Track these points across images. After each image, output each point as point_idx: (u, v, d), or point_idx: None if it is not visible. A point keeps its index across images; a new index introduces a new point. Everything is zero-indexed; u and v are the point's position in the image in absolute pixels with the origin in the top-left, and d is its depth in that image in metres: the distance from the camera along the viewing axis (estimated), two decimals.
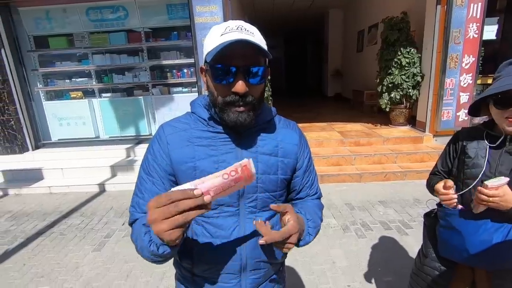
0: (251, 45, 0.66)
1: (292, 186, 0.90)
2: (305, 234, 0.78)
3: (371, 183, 3.90)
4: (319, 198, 0.97)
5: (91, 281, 2.24)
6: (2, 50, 4.61)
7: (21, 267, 2.45)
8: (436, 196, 1.23)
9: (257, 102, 0.73)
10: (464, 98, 4.42)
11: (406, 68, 4.77)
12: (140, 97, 5.07)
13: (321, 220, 0.90)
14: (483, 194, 0.97)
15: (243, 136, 0.79)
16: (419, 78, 4.78)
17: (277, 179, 0.82)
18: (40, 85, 5.10)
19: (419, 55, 4.81)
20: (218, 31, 0.70)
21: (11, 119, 4.78)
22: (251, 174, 0.56)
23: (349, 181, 3.94)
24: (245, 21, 0.73)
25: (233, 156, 0.77)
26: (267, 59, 0.73)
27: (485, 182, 0.97)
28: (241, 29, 0.69)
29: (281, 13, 9.62)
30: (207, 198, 0.53)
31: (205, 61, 0.73)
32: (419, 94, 4.89)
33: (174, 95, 5.06)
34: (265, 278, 0.88)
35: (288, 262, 2.32)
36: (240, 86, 0.68)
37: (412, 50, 4.80)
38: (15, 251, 2.70)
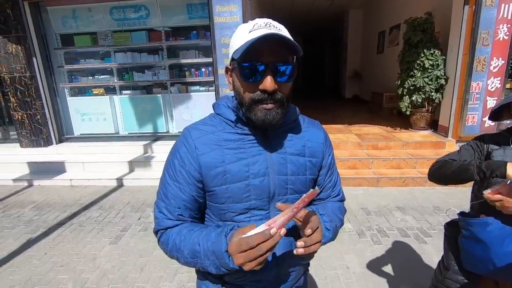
0: (281, 40, 0.64)
1: (315, 185, 0.88)
2: (323, 231, 0.74)
3: (389, 188, 3.79)
4: (341, 201, 0.94)
5: (107, 273, 2.30)
6: (31, 47, 4.83)
7: (42, 256, 2.55)
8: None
9: (286, 99, 0.71)
10: (491, 103, 4.22)
11: (429, 71, 4.61)
12: (158, 95, 5.18)
13: (342, 223, 0.87)
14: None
15: (270, 137, 0.77)
16: (442, 81, 4.60)
17: (306, 179, 0.81)
18: (65, 82, 5.30)
19: (444, 57, 4.63)
20: (246, 29, 0.68)
21: (38, 114, 5.00)
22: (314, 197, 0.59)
23: (365, 185, 3.85)
24: None
25: (263, 158, 0.75)
26: (294, 58, 0.71)
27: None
28: (269, 26, 0.67)
29: (300, 12, 9.54)
30: (282, 232, 0.58)
31: (232, 60, 0.71)
32: (442, 97, 4.71)
33: (191, 93, 5.13)
34: (294, 282, 0.87)
35: None
36: (268, 83, 0.65)
37: (436, 51, 4.63)
38: (37, 240, 2.82)
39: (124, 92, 5.30)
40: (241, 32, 0.69)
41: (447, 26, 4.59)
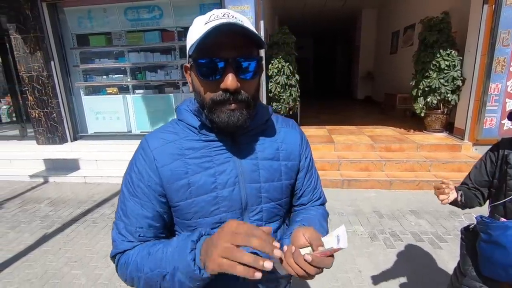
0: (241, 32, 0.56)
1: (293, 190, 0.81)
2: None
3: (402, 191, 3.72)
4: (323, 204, 0.87)
5: None
6: (49, 47, 4.95)
7: (57, 251, 2.61)
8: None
9: (252, 99, 0.63)
10: (511, 105, 4.08)
11: (446, 71, 4.49)
12: (170, 94, 5.23)
13: (327, 233, 0.77)
14: None
15: (239, 141, 0.69)
16: (459, 82, 4.48)
17: (281, 185, 0.74)
18: (80, 81, 5.42)
19: (460, 57, 4.51)
20: (202, 20, 0.61)
21: (54, 112, 5.13)
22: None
23: (378, 188, 3.78)
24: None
25: (232, 165, 0.68)
26: (259, 52, 0.64)
27: None
28: (228, 16, 0.60)
29: (312, 13, 9.48)
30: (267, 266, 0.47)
31: (189, 57, 0.63)
32: (458, 99, 4.59)
33: None
34: None
35: None
36: (230, 81, 0.58)
37: (453, 52, 4.51)
38: (53, 235, 2.88)
39: (137, 91, 5.38)
40: (196, 25, 0.61)
41: (465, 26, 4.47)
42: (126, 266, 0.64)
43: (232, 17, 0.60)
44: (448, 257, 2.36)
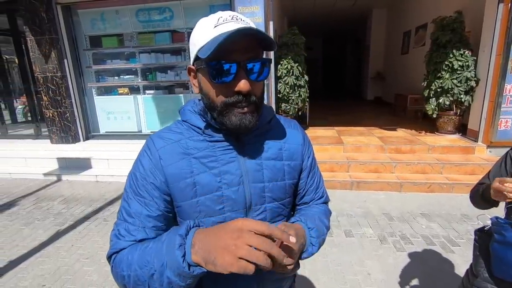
0: (254, 35, 0.57)
1: (296, 190, 0.82)
2: (307, 245, 0.68)
3: (413, 193, 3.66)
4: (325, 202, 0.88)
5: None
6: (63, 49, 5.08)
7: (69, 248, 2.67)
8: (482, 207, 1.17)
9: (260, 101, 0.65)
10: None
11: (459, 72, 4.40)
12: (180, 94, 5.29)
13: (328, 229, 0.80)
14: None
15: (244, 141, 0.70)
16: (473, 83, 4.38)
17: (284, 185, 0.75)
18: (93, 81, 5.53)
19: (474, 57, 4.41)
20: (210, 23, 0.61)
21: (67, 112, 5.25)
22: None
23: (387, 190, 3.73)
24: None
25: (236, 165, 0.69)
26: (264, 53, 0.65)
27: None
28: (237, 19, 0.61)
29: (321, 13, 9.43)
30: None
31: (195, 59, 0.64)
32: (472, 100, 4.49)
33: None
34: None
35: (319, 270, 2.25)
36: (243, 84, 0.59)
37: (466, 52, 4.41)
38: (65, 232, 2.95)
39: (147, 91, 5.45)
40: (204, 28, 0.62)
41: (479, 26, 4.37)
42: (119, 264, 0.61)
43: (241, 20, 0.61)
44: (460, 261, 2.31)
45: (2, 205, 3.64)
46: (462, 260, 2.33)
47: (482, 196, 1.16)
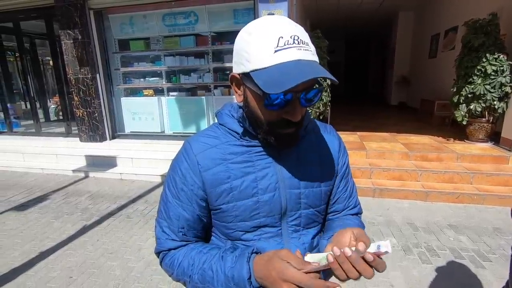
0: (319, 72, 0.53)
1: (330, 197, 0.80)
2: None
3: (440, 203, 3.50)
4: (358, 214, 0.84)
5: (151, 264, 2.43)
6: (94, 52, 5.33)
7: (95, 242, 2.78)
8: None
9: (304, 120, 0.65)
10: None
11: (492, 77, 4.17)
12: (202, 97, 5.39)
13: None
14: None
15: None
16: (508, 89, 4.14)
17: (320, 192, 0.74)
18: (120, 83, 5.76)
19: (510, 62, 4.16)
20: (270, 43, 0.54)
21: (96, 112, 5.49)
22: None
23: (412, 198, 3.59)
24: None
25: (273, 171, 0.68)
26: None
27: None
28: (299, 41, 0.55)
29: (345, 15, 9.29)
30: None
31: (245, 73, 0.58)
32: (506, 107, 4.23)
33: (233, 96, 5.24)
34: None
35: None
36: (297, 115, 0.59)
37: (501, 56, 4.18)
38: (91, 227, 3.08)
39: (171, 93, 5.60)
40: (262, 46, 0.55)
41: None
42: (171, 266, 0.69)
43: (303, 42, 0.55)
44: (492, 278, 2.18)
45: (35, 198, 3.86)
46: (494, 276, 2.19)
47: None
